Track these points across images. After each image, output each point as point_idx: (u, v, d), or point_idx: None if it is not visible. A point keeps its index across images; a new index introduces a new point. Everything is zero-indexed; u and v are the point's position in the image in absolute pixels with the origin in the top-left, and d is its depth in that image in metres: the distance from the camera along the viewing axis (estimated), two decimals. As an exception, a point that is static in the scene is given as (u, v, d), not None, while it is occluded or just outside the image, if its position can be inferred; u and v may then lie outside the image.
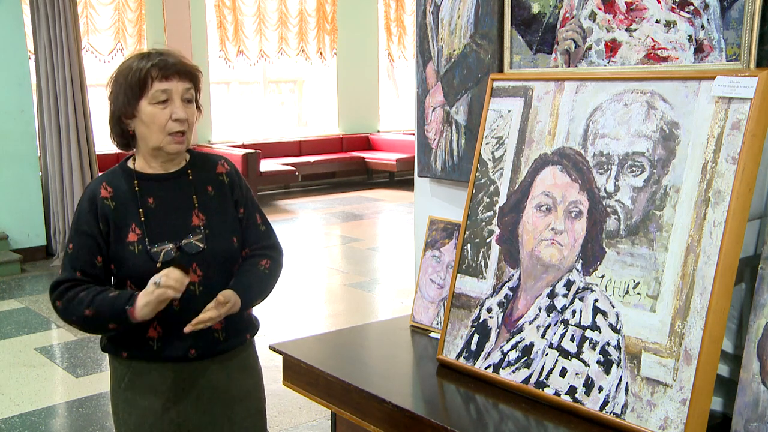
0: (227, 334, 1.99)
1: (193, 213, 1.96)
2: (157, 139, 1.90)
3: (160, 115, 1.87)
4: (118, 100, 1.90)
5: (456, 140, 2.56)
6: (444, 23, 2.56)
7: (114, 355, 1.98)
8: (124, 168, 1.99)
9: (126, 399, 1.97)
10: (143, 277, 1.87)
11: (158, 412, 1.95)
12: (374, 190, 12.02)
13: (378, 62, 12.92)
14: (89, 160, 7.44)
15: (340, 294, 6.49)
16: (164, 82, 1.86)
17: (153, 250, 1.89)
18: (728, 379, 1.83)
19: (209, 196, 2.00)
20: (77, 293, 1.90)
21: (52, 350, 5.17)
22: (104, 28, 9.75)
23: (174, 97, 1.88)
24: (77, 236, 1.92)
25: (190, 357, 1.94)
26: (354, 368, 2.28)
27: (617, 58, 2.02)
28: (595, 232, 1.90)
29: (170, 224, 1.93)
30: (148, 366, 1.94)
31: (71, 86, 7.27)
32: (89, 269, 1.91)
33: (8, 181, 7.35)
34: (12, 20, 7.26)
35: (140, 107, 1.88)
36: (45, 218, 7.56)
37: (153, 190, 1.95)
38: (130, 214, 1.92)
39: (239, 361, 2.04)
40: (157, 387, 1.95)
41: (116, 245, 1.91)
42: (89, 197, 1.94)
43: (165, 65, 1.87)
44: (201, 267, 1.93)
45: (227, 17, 10.82)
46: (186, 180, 1.99)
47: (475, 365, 2.11)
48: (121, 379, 1.98)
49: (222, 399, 1.99)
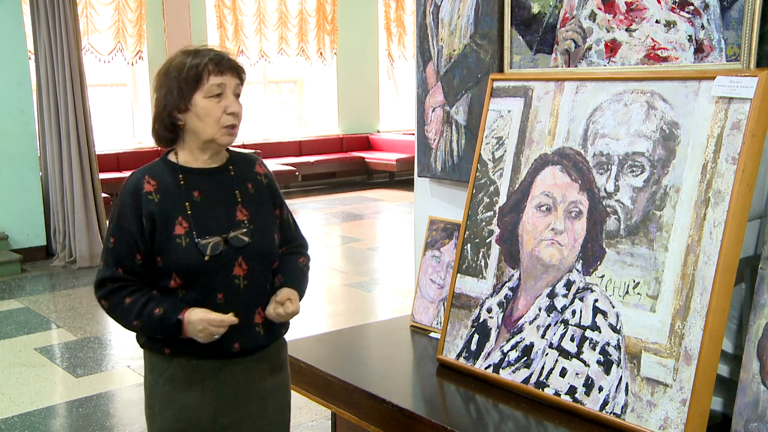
0: (266, 329, 2.02)
1: (237, 208, 2.00)
2: (211, 131, 1.94)
3: (215, 108, 1.92)
4: (171, 95, 1.94)
5: (456, 140, 2.56)
6: (444, 23, 2.56)
7: (155, 351, 2.00)
8: (167, 162, 2.03)
9: (164, 394, 1.99)
10: (190, 269, 1.91)
11: (196, 407, 1.97)
12: (374, 190, 12.02)
13: (378, 62, 12.92)
14: (89, 160, 7.43)
15: (340, 294, 6.49)
16: (219, 76, 1.91)
17: (201, 243, 1.92)
18: (728, 379, 1.83)
19: (250, 193, 2.05)
20: (123, 298, 1.93)
21: (52, 350, 5.17)
22: (104, 28, 9.75)
23: (227, 91, 1.93)
24: (118, 231, 1.95)
25: (234, 351, 1.97)
26: (354, 368, 2.28)
27: (617, 58, 2.02)
28: (595, 232, 1.90)
29: (215, 218, 1.97)
30: (190, 362, 1.97)
31: (71, 86, 7.26)
32: (130, 266, 1.94)
33: (8, 181, 7.35)
34: (12, 20, 7.25)
35: (194, 101, 1.92)
36: (45, 218, 7.55)
37: (198, 184, 1.99)
38: (176, 207, 1.94)
39: (274, 359, 2.08)
40: (197, 383, 1.97)
41: (162, 238, 1.93)
42: (132, 191, 1.96)
43: (220, 60, 1.92)
44: (246, 261, 1.97)
45: (227, 17, 10.82)
46: (228, 176, 2.04)
47: (475, 365, 2.11)
48: (160, 374, 2.00)
49: (257, 395, 2.03)
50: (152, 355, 2.01)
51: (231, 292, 1.95)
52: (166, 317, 1.89)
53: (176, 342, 1.95)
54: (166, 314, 1.90)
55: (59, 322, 5.70)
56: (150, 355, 2.02)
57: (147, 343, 2.01)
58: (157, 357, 2.00)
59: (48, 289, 6.68)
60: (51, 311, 6.01)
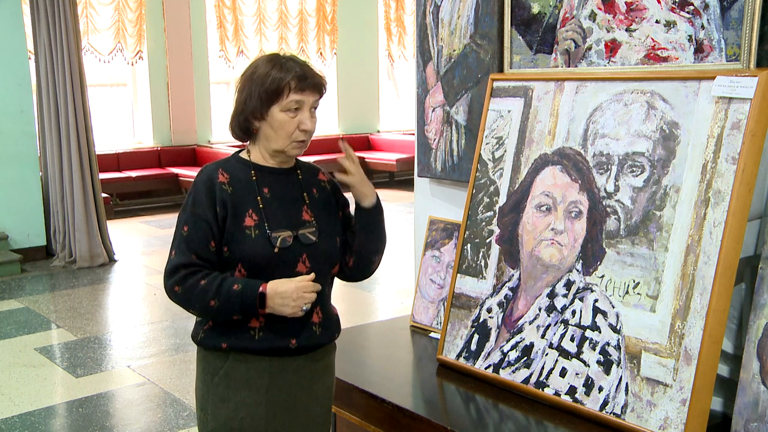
0: (323, 328, 2.05)
1: (303, 208, 2.06)
2: (282, 143, 2.00)
3: (290, 123, 1.97)
4: (251, 101, 1.99)
5: (456, 140, 2.56)
6: (444, 23, 2.55)
7: (211, 347, 2.02)
8: (239, 159, 2.08)
9: (218, 392, 2.00)
10: (257, 260, 1.95)
11: (250, 407, 1.98)
12: (374, 190, 12.02)
13: (378, 62, 12.92)
14: (89, 160, 7.43)
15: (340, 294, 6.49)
16: (299, 93, 1.96)
17: (273, 235, 1.96)
18: (728, 379, 1.83)
19: (315, 197, 2.11)
20: (198, 281, 1.95)
21: (52, 350, 5.17)
22: (104, 28, 9.75)
23: (304, 107, 1.98)
24: (193, 219, 1.98)
25: (291, 348, 1.99)
26: (354, 368, 2.28)
27: (617, 58, 2.02)
28: (595, 232, 1.90)
29: (284, 214, 2.02)
30: (246, 358, 1.98)
31: (71, 86, 7.26)
32: (204, 253, 1.96)
33: (8, 181, 7.35)
34: (12, 20, 7.25)
35: (271, 112, 1.97)
36: (45, 218, 7.55)
37: (268, 181, 2.05)
38: (247, 200, 2.00)
39: (325, 362, 2.10)
40: (252, 382, 1.99)
41: (233, 228, 1.97)
42: (206, 181, 2.01)
43: (304, 78, 1.97)
44: (310, 259, 2.01)
45: (227, 17, 10.82)
46: (296, 178, 2.10)
47: (475, 365, 2.11)
48: (215, 372, 2.01)
49: (306, 397, 2.04)
50: (207, 353, 2.03)
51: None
52: (247, 292, 1.91)
53: (234, 336, 1.97)
54: (246, 289, 1.92)
55: (59, 322, 5.70)
56: (205, 353, 2.03)
57: (204, 339, 2.02)
58: (212, 354, 2.01)
59: (48, 289, 6.68)
60: (51, 311, 6.01)
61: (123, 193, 10.01)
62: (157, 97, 10.47)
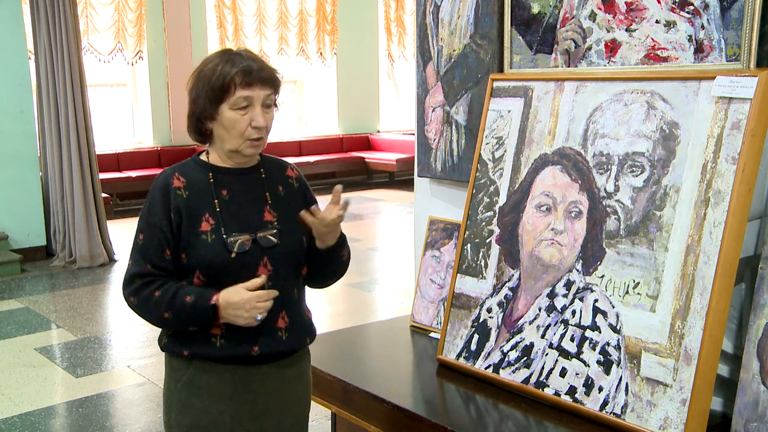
0: (290, 334, 1.98)
1: (265, 209, 1.98)
2: (235, 143, 1.93)
3: (240, 121, 1.89)
4: (200, 100, 1.92)
5: (456, 140, 2.56)
6: (444, 23, 2.55)
7: (175, 354, 1.97)
8: (198, 161, 2.02)
9: (181, 399, 1.95)
10: (214, 266, 1.89)
11: (213, 414, 1.93)
12: (374, 190, 12.01)
13: (378, 62, 12.92)
14: (89, 160, 7.43)
15: (340, 294, 6.49)
16: (247, 89, 1.87)
17: (229, 240, 1.90)
18: (728, 379, 1.83)
19: (280, 195, 2.02)
20: (152, 292, 1.90)
21: (52, 350, 5.17)
22: (104, 28, 9.75)
23: (255, 103, 1.90)
24: (148, 228, 1.93)
25: (253, 355, 1.92)
26: (354, 368, 2.28)
27: (617, 58, 2.02)
28: (595, 232, 1.90)
29: (243, 217, 1.95)
30: (209, 366, 1.93)
31: (71, 86, 7.26)
32: (159, 261, 1.92)
33: (8, 181, 7.35)
34: (12, 20, 7.25)
35: (221, 111, 1.89)
36: (45, 218, 7.55)
37: (227, 183, 1.97)
38: (203, 204, 1.93)
39: (296, 369, 2.03)
40: (215, 389, 1.93)
41: (188, 234, 1.91)
42: (161, 187, 1.95)
43: (249, 72, 1.88)
44: (271, 262, 1.94)
45: (227, 17, 10.82)
46: (259, 177, 2.02)
47: (475, 365, 2.11)
48: (178, 378, 1.96)
49: (275, 406, 1.98)
50: (172, 359, 1.99)
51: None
52: (198, 304, 1.86)
53: (194, 344, 1.92)
54: (198, 301, 1.86)
55: (59, 322, 5.70)
56: (170, 358, 1.99)
57: (167, 345, 1.98)
58: (176, 360, 1.97)
59: (48, 289, 6.68)
60: (51, 311, 6.01)
61: (123, 193, 10.01)
62: (157, 97, 10.47)
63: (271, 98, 1.94)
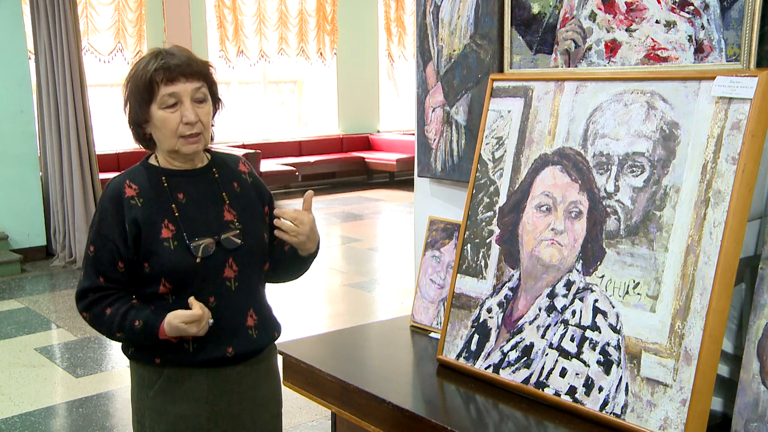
0: (259, 331, 1.97)
1: (224, 209, 1.94)
2: (170, 143, 1.87)
3: (170, 119, 1.83)
4: (132, 104, 1.88)
5: (456, 140, 2.56)
6: (444, 23, 2.56)
7: (144, 362, 1.93)
8: (147, 166, 1.95)
9: (154, 407, 1.91)
10: (180, 272, 1.84)
11: (189, 419, 1.91)
12: (374, 190, 12.02)
13: (378, 62, 12.92)
14: (89, 160, 7.43)
15: (340, 294, 6.49)
16: (170, 85, 1.81)
17: (193, 245, 1.85)
18: (728, 379, 1.83)
19: (236, 192, 1.98)
20: (104, 309, 1.86)
21: (52, 350, 5.17)
22: (104, 28, 9.75)
23: (183, 99, 1.83)
24: (98, 240, 1.87)
25: (228, 356, 1.91)
26: (354, 368, 2.28)
27: (617, 58, 2.02)
28: (595, 233, 1.90)
29: (203, 220, 1.90)
30: (182, 372, 1.90)
31: (71, 86, 7.26)
32: (111, 274, 1.87)
33: (8, 181, 7.35)
34: (12, 20, 7.26)
35: (152, 112, 1.84)
36: (45, 218, 7.56)
37: (182, 186, 1.91)
38: (161, 211, 1.87)
39: (266, 365, 2.03)
40: (191, 394, 1.90)
41: (149, 243, 1.85)
42: (112, 197, 1.88)
43: (168, 68, 1.81)
44: (237, 263, 1.91)
45: (227, 17, 10.82)
46: (212, 176, 1.97)
47: (475, 365, 2.11)
48: (149, 386, 1.92)
49: (250, 404, 1.98)
50: (140, 367, 1.95)
51: (222, 294, 1.90)
52: (148, 331, 1.84)
53: (166, 351, 1.89)
54: (146, 328, 1.84)
55: (59, 322, 5.70)
56: (137, 366, 1.96)
57: (135, 354, 1.94)
58: (145, 369, 1.93)
59: (48, 289, 6.68)
60: (51, 311, 6.01)
61: (123, 193, 9.99)
62: (157, 97, 10.46)
63: (203, 91, 1.87)
